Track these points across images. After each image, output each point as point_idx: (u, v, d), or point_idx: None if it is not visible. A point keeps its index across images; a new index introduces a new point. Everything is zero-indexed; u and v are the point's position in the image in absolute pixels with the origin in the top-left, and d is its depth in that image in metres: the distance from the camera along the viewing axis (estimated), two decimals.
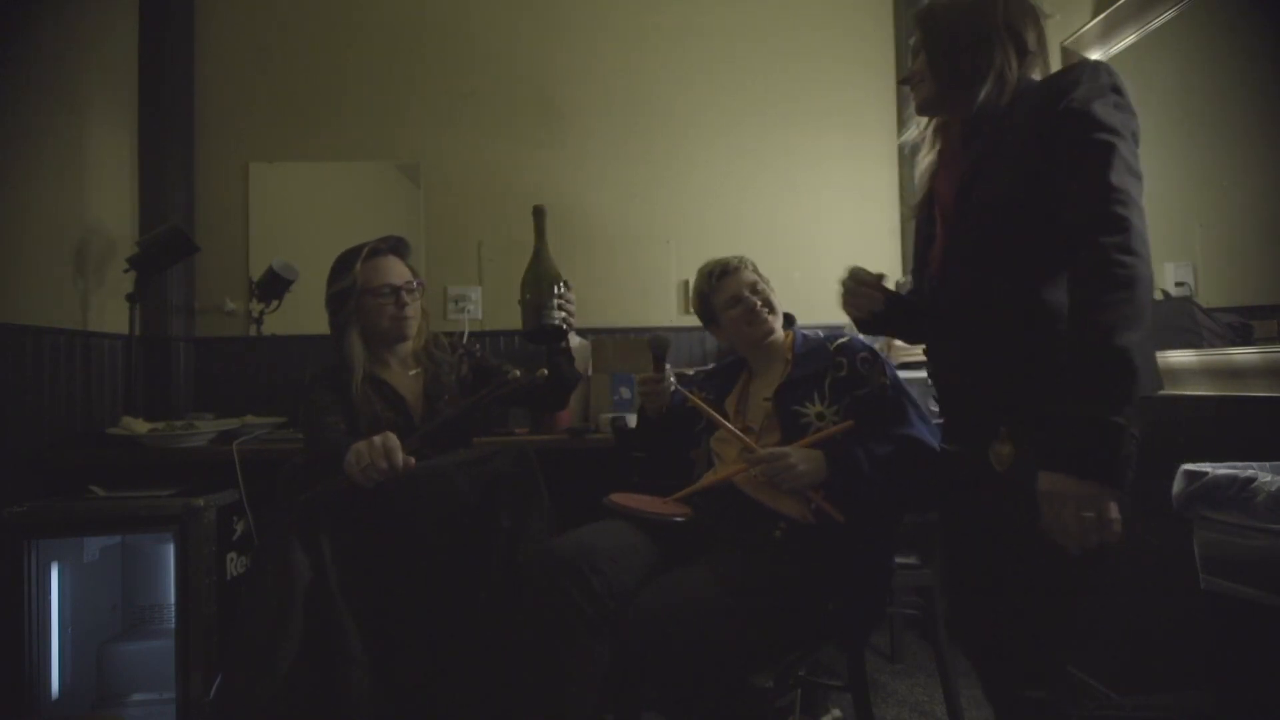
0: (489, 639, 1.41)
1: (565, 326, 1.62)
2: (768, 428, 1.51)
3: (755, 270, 1.61)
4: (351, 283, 1.58)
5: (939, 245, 1.19)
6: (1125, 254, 0.91)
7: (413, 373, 1.67)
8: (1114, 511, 0.89)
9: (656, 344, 1.61)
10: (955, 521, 1.21)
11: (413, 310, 1.62)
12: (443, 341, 1.75)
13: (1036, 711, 1.06)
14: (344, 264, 1.62)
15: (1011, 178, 1.05)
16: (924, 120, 1.25)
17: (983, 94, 1.10)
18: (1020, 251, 1.05)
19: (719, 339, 1.69)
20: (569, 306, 1.65)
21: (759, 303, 1.55)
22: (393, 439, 1.34)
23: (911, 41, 1.22)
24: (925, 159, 1.26)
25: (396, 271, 1.63)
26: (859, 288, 1.26)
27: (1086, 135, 0.99)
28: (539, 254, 1.70)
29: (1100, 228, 0.93)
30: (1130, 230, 0.92)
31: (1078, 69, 1.06)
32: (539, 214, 1.71)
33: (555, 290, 1.64)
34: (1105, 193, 0.94)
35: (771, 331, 1.56)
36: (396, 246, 1.67)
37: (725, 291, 1.58)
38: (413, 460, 1.35)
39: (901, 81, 1.26)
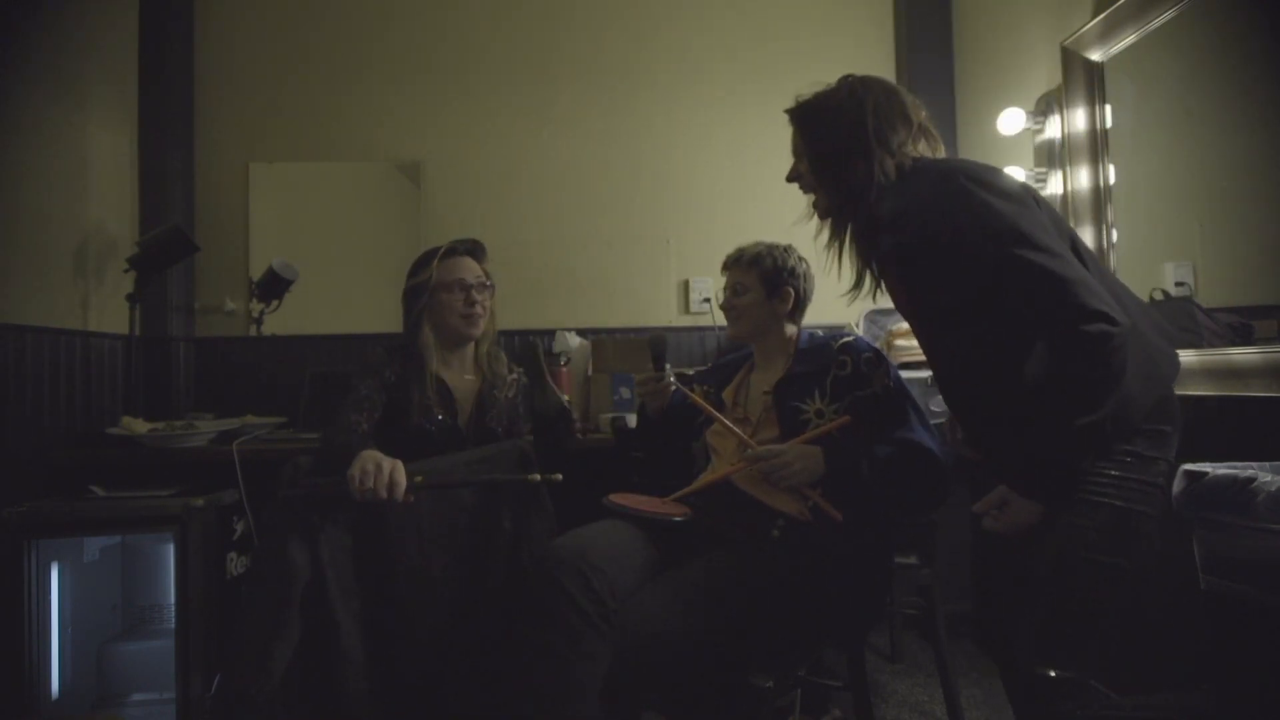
0: (491, 639, 1.41)
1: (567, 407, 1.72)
2: (766, 421, 1.51)
3: (759, 267, 1.56)
4: (428, 278, 1.66)
5: (922, 344, 1.27)
6: (1102, 341, 0.98)
7: (469, 377, 1.72)
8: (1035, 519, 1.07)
9: (655, 344, 1.62)
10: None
11: (481, 309, 1.68)
12: (503, 358, 1.80)
13: (1046, 691, 1.10)
14: (423, 260, 1.71)
15: (947, 292, 1.12)
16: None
17: (869, 201, 1.15)
18: (990, 341, 1.11)
19: None
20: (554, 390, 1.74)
21: (726, 306, 1.60)
22: (400, 473, 1.34)
23: (791, 141, 1.27)
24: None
25: (471, 270, 1.69)
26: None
27: (1006, 255, 1.03)
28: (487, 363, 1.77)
29: (1070, 318, 1.00)
30: (1090, 312, 0.99)
31: (940, 187, 1.10)
32: (479, 339, 1.77)
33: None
34: (1056, 290, 1.00)
35: (737, 335, 1.61)
36: (473, 249, 1.74)
37: (724, 281, 1.64)
38: (411, 497, 1.36)
39: (789, 179, 1.31)
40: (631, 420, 2.05)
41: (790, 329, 1.59)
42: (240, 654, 1.32)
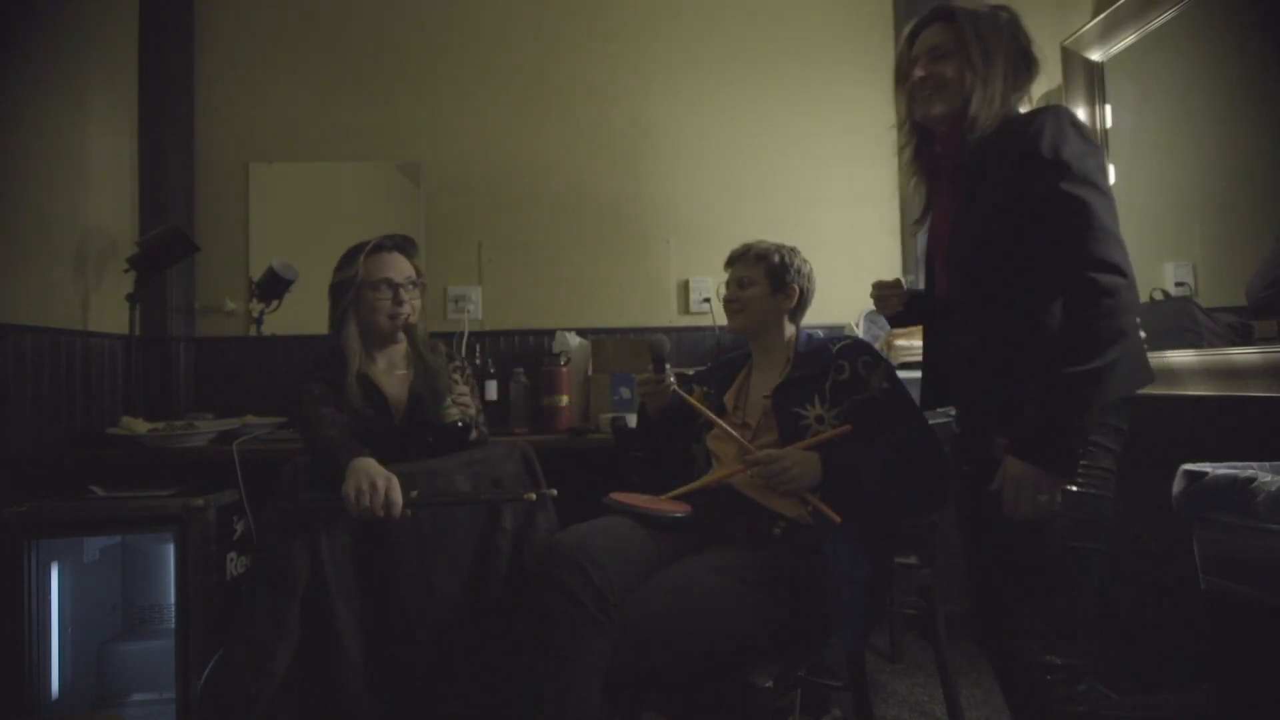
0: (491, 638, 1.41)
1: (462, 423, 1.53)
2: (765, 426, 1.51)
3: (765, 263, 1.57)
4: (353, 274, 1.61)
5: (940, 280, 1.30)
6: (1103, 292, 1.03)
7: (400, 373, 1.67)
8: (1059, 496, 1.09)
9: (656, 347, 1.62)
10: (968, 511, 1.29)
11: (410, 308, 1.63)
12: (440, 347, 1.73)
13: (1049, 679, 1.12)
14: (349, 256, 1.65)
15: (996, 225, 1.16)
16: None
17: (990, 120, 1.19)
18: (1012, 286, 1.15)
19: None
20: (463, 400, 1.57)
21: (730, 298, 1.60)
22: (396, 491, 1.34)
23: (928, 39, 1.26)
24: (915, 188, 1.36)
25: (398, 268, 1.64)
26: (881, 293, 1.41)
27: (1056, 186, 1.09)
28: (420, 354, 1.63)
29: (1085, 263, 1.05)
30: (1108, 264, 1.04)
31: (1040, 116, 1.15)
32: (410, 329, 1.64)
33: (450, 381, 1.58)
34: (1085, 233, 1.06)
35: (739, 329, 1.61)
36: (403, 244, 1.68)
37: (727, 276, 1.63)
38: (409, 512, 1.36)
39: (920, 80, 1.26)
40: (632, 420, 2.05)
41: (790, 328, 1.60)
42: (241, 654, 1.32)
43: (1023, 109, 1.25)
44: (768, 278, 1.56)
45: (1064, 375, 1.04)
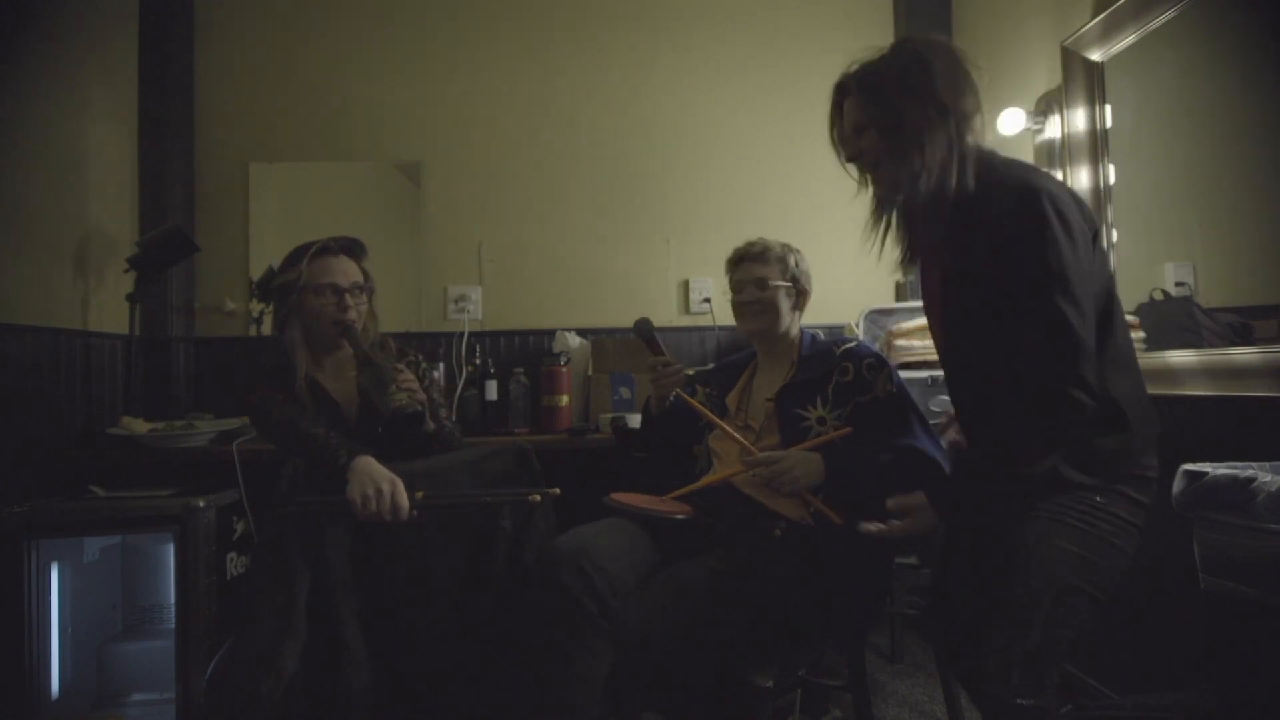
0: (492, 638, 1.41)
1: (412, 410, 1.46)
2: (767, 428, 1.51)
3: (783, 266, 1.57)
4: (296, 277, 1.54)
5: (937, 340, 1.30)
6: (1079, 409, 1.06)
7: (350, 376, 1.62)
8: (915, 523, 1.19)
9: (642, 327, 1.60)
10: (958, 541, 1.26)
11: (356, 313, 1.57)
12: (389, 345, 1.69)
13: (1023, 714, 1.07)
14: (293, 257, 1.58)
15: (979, 300, 1.14)
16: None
17: (951, 181, 1.12)
18: (1001, 366, 1.14)
19: None
20: (409, 385, 1.50)
21: (752, 300, 1.55)
22: (402, 495, 1.35)
23: (847, 115, 1.19)
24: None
25: (344, 271, 1.58)
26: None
27: (1041, 293, 1.07)
28: (363, 354, 1.53)
29: (1066, 380, 1.06)
30: (1088, 382, 1.05)
31: (1029, 201, 1.08)
32: (349, 330, 1.58)
33: (394, 370, 1.50)
34: (1069, 350, 1.06)
35: (758, 330, 1.56)
36: (350, 246, 1.62)
37: (735, 275, 1.60)
38: (415, 512, 1.36)
39: (850, 159, 1.22)
40: (632, 420, 2.05)
41: (795, 329, 1.60)
42: (249, 654, 1.32)
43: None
44: (787, 278, 1.57)
45: (1018, 468, 1.10)
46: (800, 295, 1.59)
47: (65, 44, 2.10)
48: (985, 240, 1.11)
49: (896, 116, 1.13)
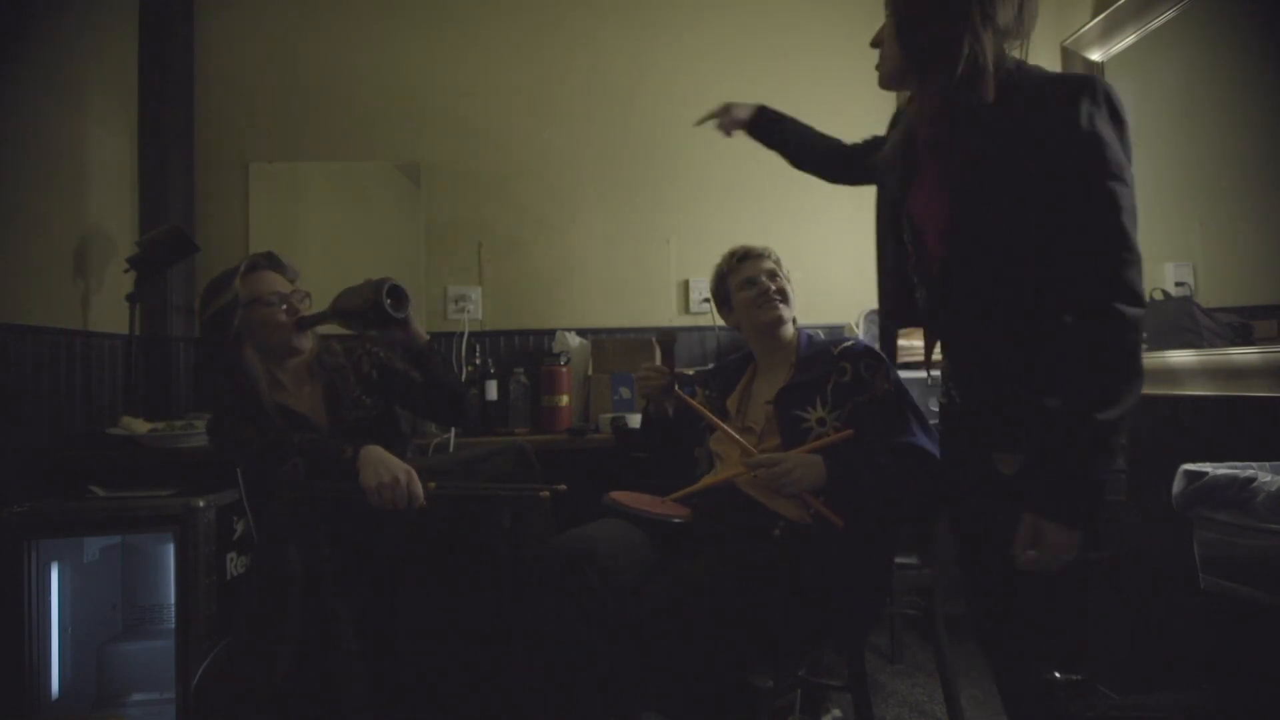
0: (490, 638, 1.41)
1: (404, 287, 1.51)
2: (768, 431, 1.50)
3: (778, 263, 1.63)
4: (233, 297, 1.51)
5: (933, 274, 1.14)
6: (1130, 328, 0.94)
7: (308, 387, 1.62)
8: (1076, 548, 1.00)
9: (665, 341, 1.61)
10: (964, 523, 1.22)
11: (300, 310, 1.57)
12: (334, 347, 1.69)
13: (1053, 696, 1.08)
14: (220, 284, 1.55)
15: (1005, 207, 1.01)
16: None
17: (952, 80, 1.01)
18: (1030, 288, 1.03)
19: (729, 324, 1.68)
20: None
21: (772, 288, 1.56)
22: (416, 484, 1.36)
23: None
24: (888, 153, 1.18)
25: (275, 280, 1.59)
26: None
27: (1098, 181, 0.96)
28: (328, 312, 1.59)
29: (1113, 292, 0.94)
30: (1136, 295, 0.95)
31: (1078, 89, 0.99)
32: (306, 320, 1.60)
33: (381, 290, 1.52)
34: (1118, 254, 0.95)
35: (781, 320, 1.56)
36: (275, 262, 1.63)
37: (742, 273, 1.60)
38: (425, 504, 1.38)
39: (873, 44, 1.14)
40: (632, 420, 2.05)
41: (791, 328, 1.61)
42: (243, 654, 1.32)
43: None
44: (784, 273, 1.62)
45: (1090, 422, 0.94)
46: (793, 289, 1.63)
47: (65, 44, 2.10)
48: (1023, 143, 0.99)
49: (921, 7, 1.05)
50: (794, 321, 1.63)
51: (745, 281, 1.58)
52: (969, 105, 1.02)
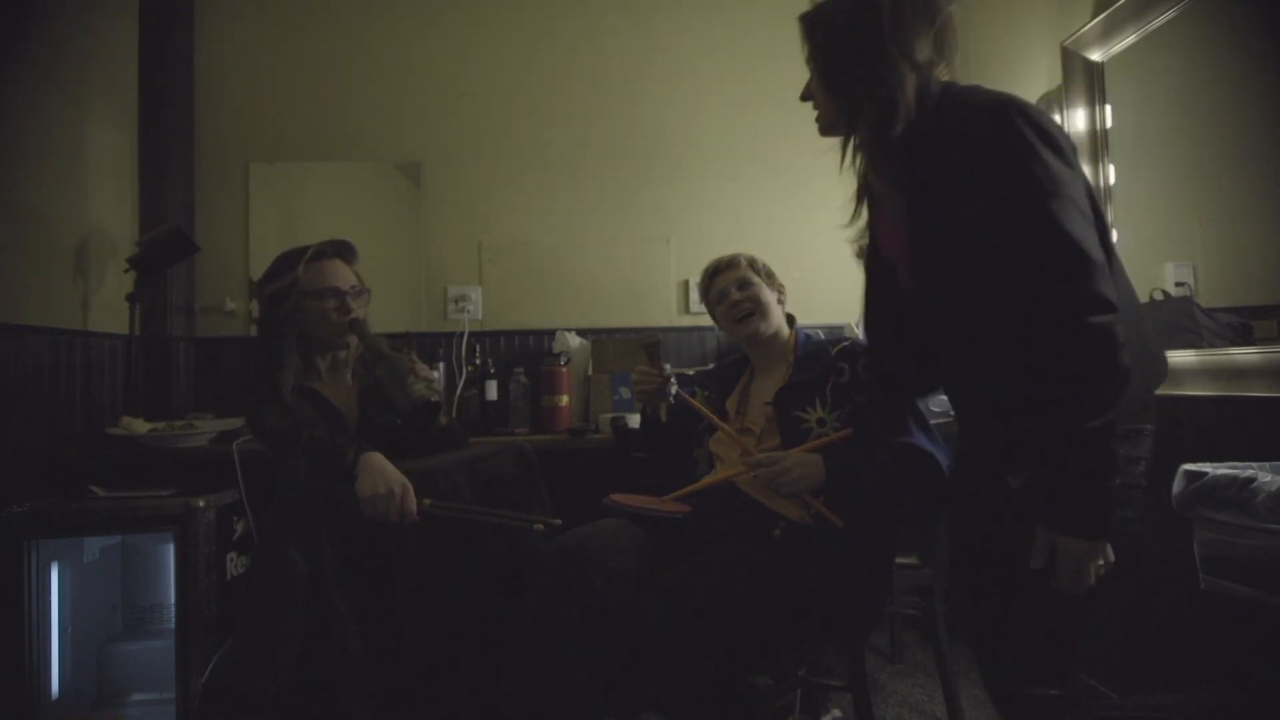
0: (491, 638, 1.41)
1: (434, 399, 1.46)
2: (767, 431, 1.50)
3: (753, 267, 1.60)
4: (292, 282, 1.50)
5: (912, 300, 1.16)
6: (1105, 334, 0.91)
7: (346, 383, 1.61)
8: (1110, 554, 0.97)
9: (650, 348, 1.60)
10: (963, 530, 1.21)
11: (356, 317, 1.55)
12: (384, 342, 1.67)
13: (1040, 709, 1.07)
14: (284, 264, 1.54)
15: (956, 235, 1.02)
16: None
17: (875, 122, 1.03)
18: (993, 308, 1.02)
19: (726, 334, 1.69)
20: (426, 374, 1.51)
21: (742, 299, 1.55)
22: (411, 499, 1.36)
23: (804, 53, 1.14)
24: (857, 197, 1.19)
25: (341, 275, 1.56)
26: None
27: (1036, 202, 0.94)
28: (374, 348, 1.52)
29: (1075, 305, 0.92)
30: (1103, 300, 0.92)
31: (1001, 111, 0.99)
32: (358, 325, 1.55)
33: (408, 363, 1.50)
34: (1075, 267, 0.93)
35: (755, 332, 1.55)
36: (344, 250, 1.60)
37: (715, 288, 1.61)
38: (419, 518, 1.37)
39: (802, 98, 1.17)
40: (632, 420, 2.05)
41: (786, 328, 1.61)
42: (245, 654, 1.32)
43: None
44: (763, 277, 1.59)
45: (1081, 434, 0.92)
46: (780, 289, 1.62)
47: (65, 44, 2.10)
48: (957, 171, 0.99)
49: (837, 56, 1.08)
50: (791, 320, 1.63)
51: (718, 296, 1.60)
52: (901, 141, 1.03)
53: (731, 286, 1.57)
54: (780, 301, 1.61)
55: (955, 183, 1.00)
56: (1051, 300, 0.94)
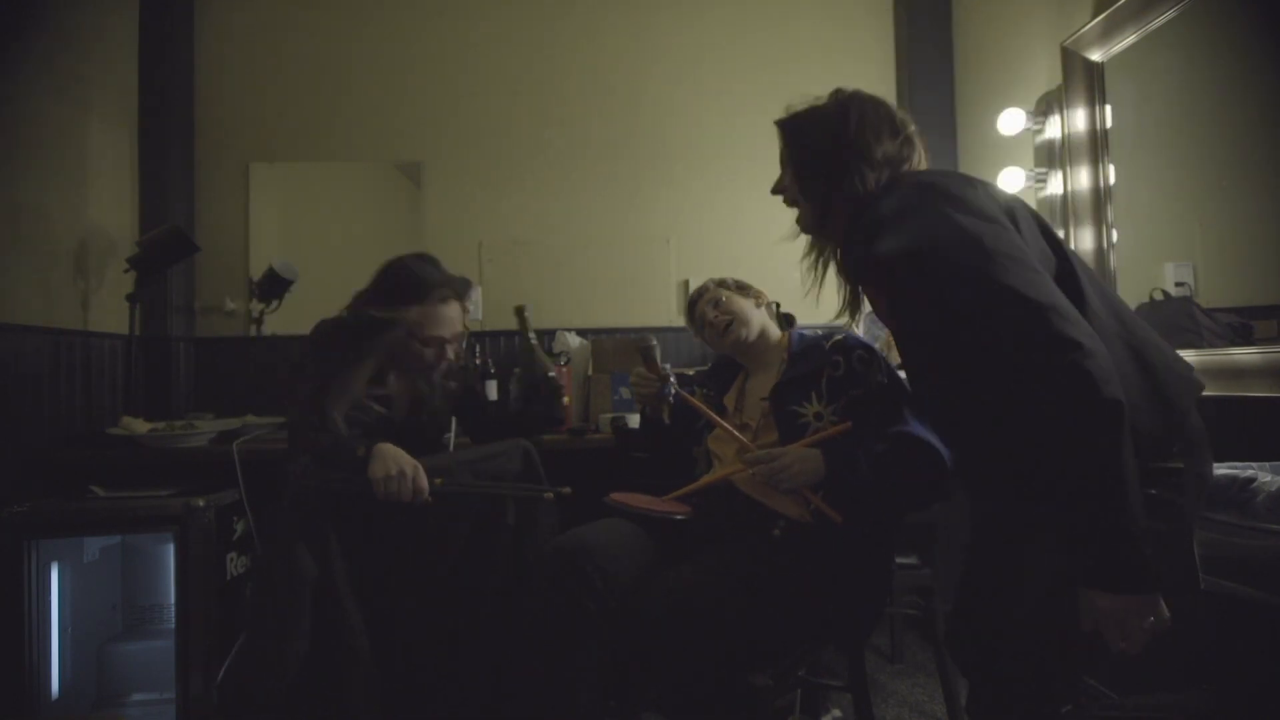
0: (495, 635, 1.41)
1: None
2: (765, 427, 1.51)
3: (724, 286, 1.67)
4: (406, 319, 1.50)
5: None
6: (1077, 371, 0.86)
7: (397, 382, 1.63)
8: (1165, 610, 0.91)
9: (644, 350, 1.64)
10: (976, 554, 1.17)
11: (450, 359, 1.58)
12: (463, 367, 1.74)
13: (1026, 705, 1.05)
14: (405, 293, 1.51)
15: (918, 324, 1.06)
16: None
17: (848, 216, 1.12)
18: (974, 388, 1.01)
19: None
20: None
21: (719, 316, 1.61)
22: (423, 478, 1.36)
23: (780, 153, 1.25)
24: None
25: (453, 321, 1.57)
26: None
27: (962, 269, 0.94)
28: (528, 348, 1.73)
29: (1035, 354, 0.88)
30: (1065, 339, 0.87)
31: (907, 213, 1.02)
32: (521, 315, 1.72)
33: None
34: (1022, 318, 0.89)
35: (738, 339, 1.59)
36: (463, 291, 1.61)
37: (696, 318, 1.67)
38: (431, 500, 1.38)
39: (773, 192, 1.28)
40: (632, 420, 2.05)
41: (777, 331, 1.63)
42: (255, 652, 1.33)
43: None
44: (738, 292, 1.65)
45: (1082, 482, 0.87)
46: (758, 296, 1.65)
47: (65, 44, 2.10)
48: (892, 259, 1.00)
49: (808, 157, 1.18)
50: (791, 320, 1.65)
51: (700, 322, 1.65)
52: (857, 237, 1.08)
53: (708, 309, 1.63)
54: (760, 305, 1.65)
55: (892, 271, 1.02)
56: (1016, 360, 0.90)
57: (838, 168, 1.13)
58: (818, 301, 1.28)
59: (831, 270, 1.25)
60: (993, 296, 0.91)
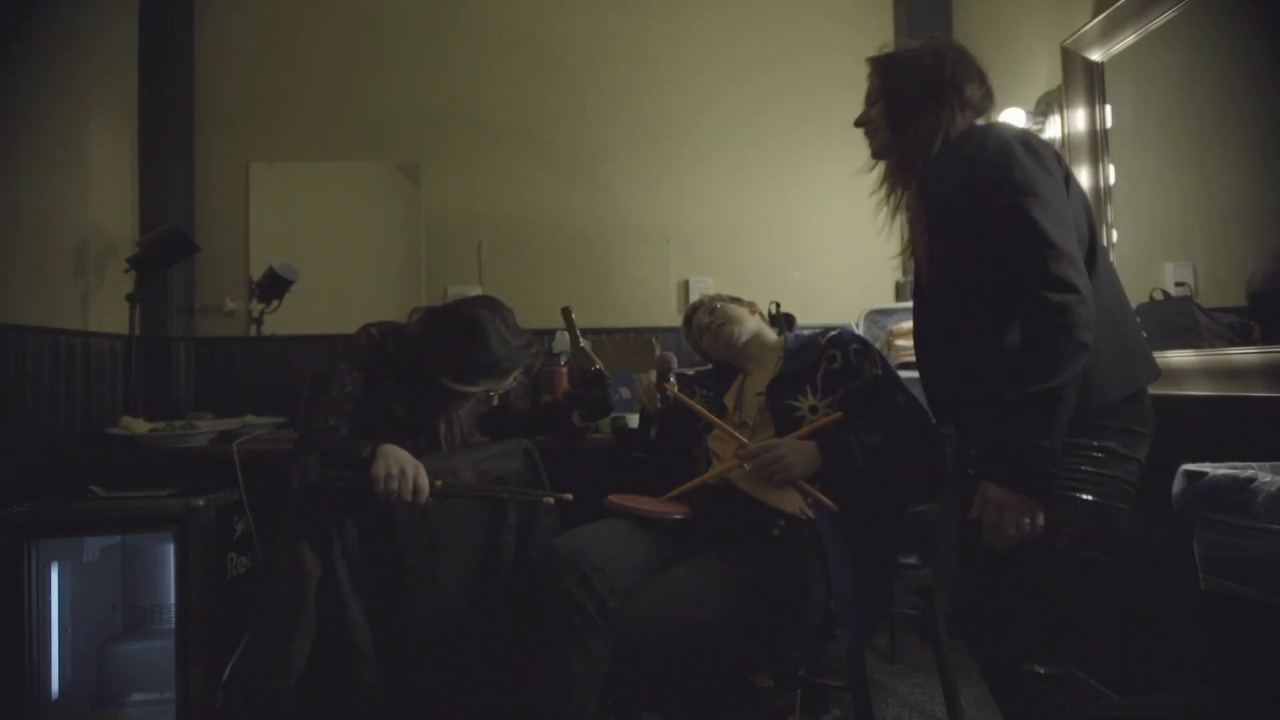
0: (498, 634, 1.42)
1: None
2: (762, 423, 1.52)
3: (716, 298, 1.74)
4: (479, 385, 1.52)
5: (924, 294, 1.32)
6: (1058, 310, 1.03)
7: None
8: (1040, 519, 1.08)
9: (663, 368, 1.70)
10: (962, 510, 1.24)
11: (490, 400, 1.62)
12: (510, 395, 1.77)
13: (1033, 688, 1.11)
14: (475, 368, 1.49)
15: (959, 239, 1.18)
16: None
17: (933, 151, 1.21)
18: (981, 301, 1.16)
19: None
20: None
21: (712, 320, 1.67)
22: (424, 478, 1.37)
23: (867, 86, 1.33)
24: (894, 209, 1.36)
25: (509, 379, 1.58)
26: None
27: (1008, 199, 1.10)
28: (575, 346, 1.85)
29: (1038, 283, 1.05)
30: (1063, 282, 1.04)
31: (980, 137, 1.17)
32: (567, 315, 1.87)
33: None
34: (1040, 254, 1.06)
35: (732, 336, 1.64)
36: (530, 361, 1.62)
37: (694, 328, 1.72)
38: (432, 499, 1.38)
39: (857, 124, 1.35)
40: (631, 420, 2.05)
41: (772, 334, 1.66)
42: (261, 649, 1.33)
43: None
44: (721, 300, 1.71)
45: (1025, 395, 1.04)
46: (749, 305, 1.72)
47: (65, 44, 2.10)
48: (954, 181, 1.17)
49: (903, 90, 1.26)
50: (791, 321, 1.67)
51: (698, 332, 1.71)
52: (934, 162, 1.22)
53: (703, 316, 1.69)
54: (753, 313, 1.71)
55: (960, 193, 1.16)
56: (1018, 280, 1.08)
57: (933, 101, 1.22)
58: (889, 232, 1.36)
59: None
60: (1024, 227, 1.07)
